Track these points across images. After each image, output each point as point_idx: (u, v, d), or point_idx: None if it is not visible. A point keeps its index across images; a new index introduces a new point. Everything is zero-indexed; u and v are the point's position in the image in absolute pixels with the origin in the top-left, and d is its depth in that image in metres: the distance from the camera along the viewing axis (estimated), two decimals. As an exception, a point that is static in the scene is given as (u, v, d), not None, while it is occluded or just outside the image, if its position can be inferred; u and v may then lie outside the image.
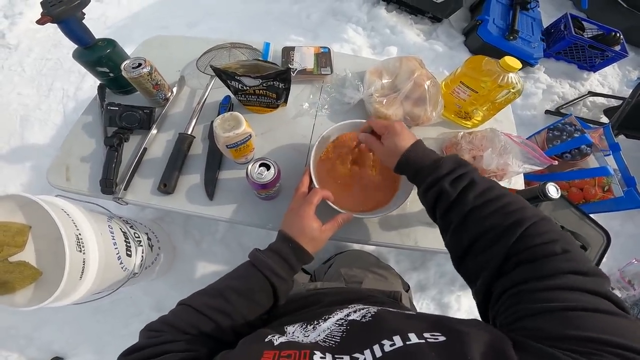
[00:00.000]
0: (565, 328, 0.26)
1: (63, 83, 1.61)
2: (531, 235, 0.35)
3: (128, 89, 0.77)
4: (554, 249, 0.32)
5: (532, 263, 0.33)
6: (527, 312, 0.29)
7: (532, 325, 0.28)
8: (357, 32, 1.88)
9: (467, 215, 0.41)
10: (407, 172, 0.51)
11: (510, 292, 0.32)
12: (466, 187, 0.42)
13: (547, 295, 0.29)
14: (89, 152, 0.71)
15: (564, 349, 0.24)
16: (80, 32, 0.65)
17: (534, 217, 0.36)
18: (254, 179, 0.54)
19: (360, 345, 0.28)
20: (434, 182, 0.45)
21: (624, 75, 2.09)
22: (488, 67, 0.69)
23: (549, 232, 0.34)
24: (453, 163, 0.46)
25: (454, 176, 0.44)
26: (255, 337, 0.33)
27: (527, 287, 0.31)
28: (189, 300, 0.43)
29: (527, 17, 1.89)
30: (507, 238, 0.35)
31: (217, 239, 1.29)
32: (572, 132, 1.15)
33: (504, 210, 0.38)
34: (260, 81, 0.66)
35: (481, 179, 0.43)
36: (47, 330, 1.14)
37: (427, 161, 0.48)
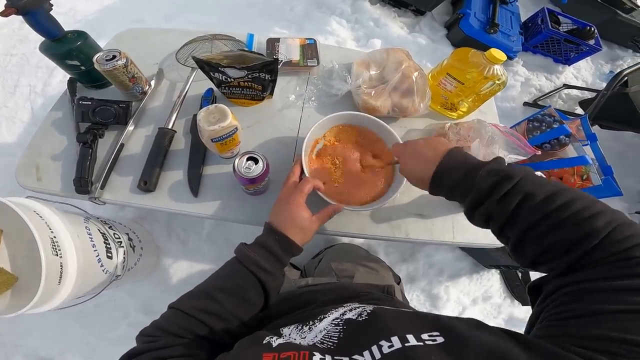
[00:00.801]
0: (613, 330, 0.24)
1: (30, 79, 1.52)
2: (608, 244, 0.30)
3: (101, 82, 0.73)
4: (635, 253, 0.28)
5: (603, 266, 0.29)
6: (582, 311, 0.27)
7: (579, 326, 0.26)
8: (341, 24, 1.87)
9: (525, 232, 0.35)
10: (441, 194, 0.46)
11: (570, 288, 0.30)
12: (520, 204, 0.36)
13: (613, 296, 0.27)
14: (60, 150, 0.66)
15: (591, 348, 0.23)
16: (47, 24, 0.61)
17: (610, 224, 0.31)
18: (242, 173, 0.52)
19: (359, 346, 0.28)
20: (477, 202, 0.39)
21: (597, 69, 2.19)
22: (474, 59, 0.70)
23: (631, 236, 0.29)
24: (494, 176, 0.38)
25: (501, 193, 0.37)
26: (252, 339, 0.32)
27: (590, 286, 0.28)
28: (177, 303, 0.41)
29: (506, 11, 1.94)
30: (576, 251, 0.31)
31: (203, 236, 1.26)
32: (551, 123, 1.18)
33: (570, 222, 0.32)
34: (245, 72, 0.63)
35: (538, 186, 0.36)
36: (32, 337, 1.10)
37: (460, 177, 0.41)
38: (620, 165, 1.66)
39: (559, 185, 0.36)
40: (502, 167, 0.39)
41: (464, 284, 1.38)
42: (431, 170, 0.44)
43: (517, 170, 0.38)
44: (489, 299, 1.37)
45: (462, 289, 1.37)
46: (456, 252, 1.41)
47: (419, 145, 0.48)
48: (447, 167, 0.43)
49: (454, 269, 1.39)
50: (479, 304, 1.37)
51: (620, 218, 0.32)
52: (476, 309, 1.36)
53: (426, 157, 0.46)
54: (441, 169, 0.43)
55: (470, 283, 1.38)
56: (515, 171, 0.38)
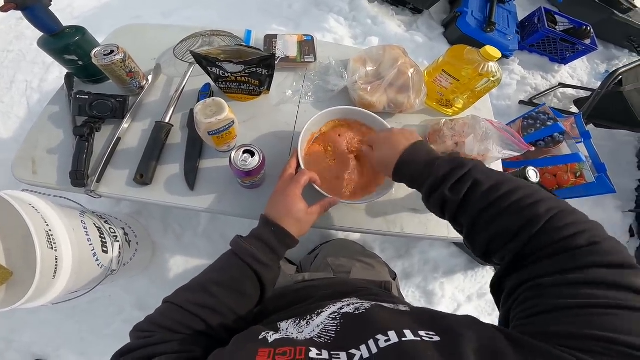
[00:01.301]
0: (578, 326, 0.25)
1: (26, 75, 1.52)
2: (550, 230, 0.31)
3: (99, 77, 0.73)
4: (578, 242, 0.29)
5: (552, 257, 0.30)
6: (543, 307, 0.27)
7: (544, 323, 0.26)
8: (339, 22, 1.87)
9: (476, 218, 0.37)
10: (403, 180, 0.49)
11: (527, 285, 0.30)
12: (470, 190, 0.39)
13: (567, 290, 0.27)
14: (57, 144, 0.66)
15: (572, 347, 0.23)
16: (46, 19, 0.61)
17: (552, 210, 0.32)
18: (238, 166, 0.53)
19: (356, 340, 0.28)
20: (432, 188, 0.42)
21: (592, 68, 2.20)
22: (469, 56, 0.71)
23: (572, 224, 0.31)
24: (449, 164, 0.42)
25: (454, 180, 0.40)
26: (248, 334, 0.32)
27: (546, 282, 0.29)
28: (172, 297, 0.41)
29: (503, 10, 1.95)
30: (521, 237, 0.32)
31: (199, 232, 1.26)
32: (545, 121, 1.19)
33: (515, 208, 0.34)
34: (242, 67, 0.63)
35: (487, 175, 0.39)
36: (25, 332, 1.09)
37: (421, 166, 0.45)
38: (614, 163, 1.67)
39: (505, 175, 0.39)
40: (456, 157, 0.43)
41: (459, 281, 1.39)
42: (396, 158, 0.48)
43: (470, 161, 0.41)
44: (484, 295, 1.38)
45: (457, 285, 1.38)
46: (451, 249, 1.42)
47: (393, 134, 0.52)
48: (412, 156, 0.47)
49: (449, 266, 1.40)
50: (474, 300, 1.38)
51: (561, 205, 0.33)
52: (471, 305, 1.37)
53: (395, 146, 0.49)
54: (406, 156, 0.47)
55: (465, 280, 1.39)
56: (468, 161, 0.41)
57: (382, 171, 0.52)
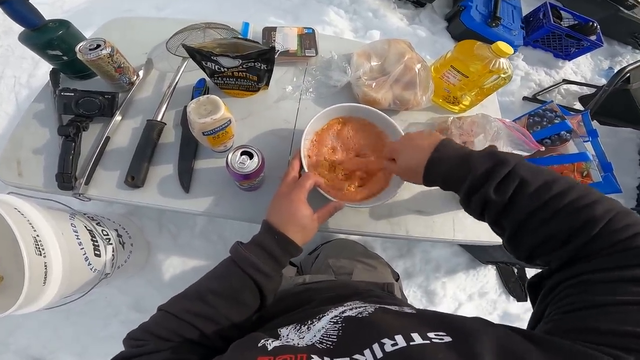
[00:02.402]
0: (618, 323, 0.23)
1: (14, 70, 1.47)
2: (608, 233, 0.29)
3: (86, 73, 0.69)
4: (635, 243, 0.28)
5: (605, 257, 0.29)
6: (584, 304, 0.26)
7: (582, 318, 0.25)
8: (339, 15, 1.82)
9: (523, 221, 0.34)
10: (437, 182, 0.45)
11: (573, 280, 0.29)
12: (516, 190, 0.35)
13: (613, 287, 0.26)
14: (43, 144, 0.63)
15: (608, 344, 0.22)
16: (25, 13, 0.57)
17: (609, 213, 0.30)
18: (236, 169, 0.49)
19: (359, 345, 0.26)
20: (473, 188, 0.38)
21: (596, 65, 2.17)
22: (480, 51, 0.68)
23: (630, 225, 0.29)
24: (488, 159, 0.38)
25: (498, 179, 0.36)
26: (247, 341, 0.30)
27: (595, 277, 0.27)
28: (168, 305, 0.39)
29: (508, 5, 1.91)
30: (575, 241, 0.31)
31: (195, 232, 1.23)
32: (552, 119, 1.16)
33: (568, 210, 0.32)
34: (240, 62, 0.60)
35: (533, 173, 0.35)
36: (22, 335, 1.07)
37: (455, 164, 0.41)
38: (616, 161, 1.64)
39: (554, 173, 0.36)
40: (496, 152, 0.39)
41: (460, 280, 1.37)
42: (425, 159, 0.44)
43: (512, 156, 0.37)
44: (485, 295, 1.37)
45: (458, 284, 1.37)
46: (453, 248, 1.40)
47: (412, 137, 0.48)
48: (442, 154, 0.43)
49: (451, 265, 1.38)
50: (475, 299, 1.36)
51: (618, 206, 0.31)
52: (472, 304, 1.36)
53: (420, 147, 0.45)
54: (436, 156, 0.43)
55: (466, 279, 1.38)
56: (510, 157, 0.37)
57: (411, 179, 0.48)
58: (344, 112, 0.64)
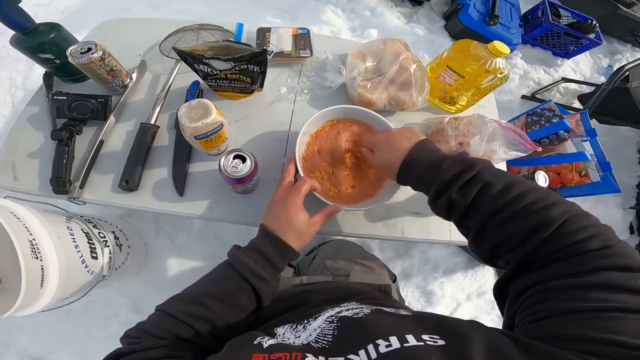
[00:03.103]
0: (591, 330, 0.24)
1: (10, 72, 1.46)
2: (562, 234, 0.30)
3: (79, 76, 0.68)
4: (590, 246, 0.28)
5: (561, 261, 0.29)
6: (552, 311, 0.26)
7: (554, 326, 0.26)
8: (337, 13, 1.82)
9: (484, 222, 0.36)
10: (408, 183, 0.47)
11: (535, 289, 0.29)
12: (479, 193, 0.37)
13: (578, 293, 0.26)
14: (37, 147, 0.62)
15: (584, 351, 0.22)
16: (15, 16, 0.57)
17: (564, 215, 0.31)
18: (228, 173, 0.49)
19: (354, 345, 0.27)
20: (439, 192, 0.40)
21: (595, 63, 2.16)
22: (476, 51, 0.67)
23: (583, 228, 0.30)
24: (457, 164, 0.40)
25: (462, 182, 0.38)
26: (243, 339, 0.31)
27: (556, 285, 0.28)
28: (165, 306, 0.40)
29: (506, 3, 1.90)
30: (531, 242, 0.31)
31: (192, 233, 1.23)
32: (550, 118, 1.16)
33: (525, 212, 0.33)
34: (232, 64, 0.59)
35: (497, 177, 0.37)
36: (22, 335, 1.08)
37: (427, 167, 0.43)
38: (615, 159, 1.64)
39: (517, 177, 0.37)
40: (465, 157, 0.41)
41: (458, 280, 1.37)
42: (400, 159, 0.45)
43: (480, 161, 0.39)
44: (483, 294, 1.37)
45: (456, 284, 1.37)
46: (451, 248, 1.40)
47: (393, 135, 0.49)
48: (417, 157, 0.44)
49: (449, 265, 1.38)
50: (473, 299, 1.36)
51: (574, 209, 0.32)
52: (470, 304, 1.36)
53: (399, 146, 0.46)
54: (410, 158, 0.45)
55: (465, 279, 1.38)
56: (477, 161, 0.39)
57: (386, 174, 0.50)
58: (339, 114, 0.63)
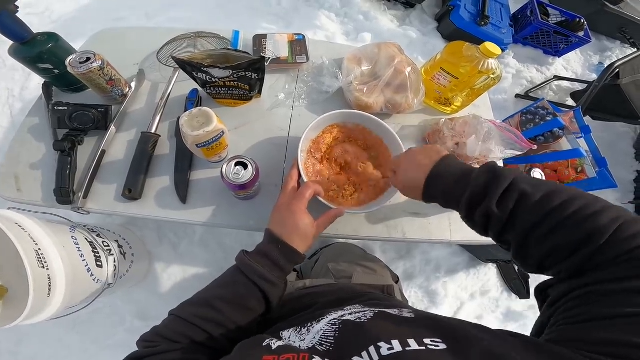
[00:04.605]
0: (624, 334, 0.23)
1: (7, 82, 1.46)
2: (616, 242, 0.29)
3: (78, 86, 0.69)
4: None
5: (615, 267, 0.28)
6: (591, 315, 0.26)
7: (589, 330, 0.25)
8: (331, 18, 1.83)
9: (527, 235, 0.34)
10: (436, 200, 0.45)
11: (577, 292, 0.28)
12: (517, 204, 0.35)
13: (623, 298, 0.25)
14: (39, 159, 0.63)
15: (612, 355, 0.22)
16: (13, 27, 0.57)
17: (617, 221, 0.29)
18: (230, 179, 0.50)
19: (356, 347, 0.27)
20: (473, 203, 0.38)
21: (586, 60, 2.19)
22: (468, 53, 0.68)
23: (637, 234, 0.28)
24: (487, 175, 0.38)
25: (498, 192, 0.36)
26: (252, 342, 0.32)
27: (601, 288, 0.27)
28: (178, 310, 0.41)
29: (496, 3, 1.93)
30: (583, 252, 0.30)
31: (195, 241, 1.23)
32: (544, 116, 1.18)
33: (574, 220, 0.31)
34: (230, 72, 0.60)
35: (535, 185, 0.35)
36: (29, 344, 1.08)
37: (454, 180, 0.41)
38: (611, 155, 1.66)
39: (556, 185, 0.35)
40: (495, 166, 0.39)
41: (461, 279, 1.38)
42: (425, 176, 0.44)
43: (511, 171, 0.38)
44: (487, 293, 1.38)
45: (459, 284, 1.37)
46: (453, 248, 1.41)
47: (415, 153, 0.48)
48: (442, 170, 0.43)
49: (451, 265, 1.39)
50: (477, 298, 1.37)
51: (624, 214, 0.30)
52: (474, 303, 1.36)
53: (421, 164, 0.45)
54: (435, 173, 0.44)
55: (467, 278, 1.38)
56: (507, 171, 0.38)
57: (411, 195, 0.49)
58: (338, 119, 0.64)
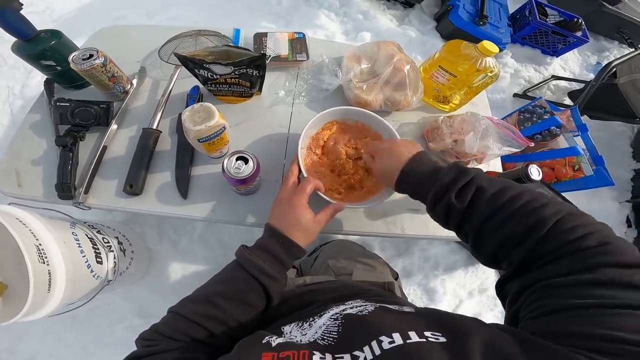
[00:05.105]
0: (592, 326, 0.24)
1: (8, 81, 1.46)
2: (557, 233, 0.31)
3: (80, 83, 0.69)
4: (587, 243, 0.29)
5: (559, 260, 0.30)
6: (552, 307, 0.27)
7: (554, 322, 0.26)
8: (330, 17, 1.84)
9: (481, 226, 0.37)
10: (406, 191, 0.48)
11: (535, 287, 0.30)
12: (474, 197, 0.39)
13: (578, 290, 0.27)
14: (41, 154, 0.63)
15: (584, 347, 0.23)
16: (17, 24, 0.58)
17: (558, 214, 0.32)
18: (232, 174, 0.50)
19: (359, 341, 0.27)
20: (437, 197, 0.42)
21: (584, 60, 2.21)
22: (466, 51, 0.69)
23: (579, 226, 0.30)
24: (454, 172, 0.42)
25: (458, 187, 0.40)
26: (252, 339, 0.32)
27: (555, 282, 0.28)
28: (178, 307, 0.41)
29: (494, 3, 1.94)
30: (527, 242, 0.32)
31: (195, 237, 1.23)
32: (542, 114, 1.19)
33: (520, 213, 0.34)
34: (232, 69, 0.61)
35: (490, 182, 0.39)
36: (28, 342, 1.07)
37: (425, 176, 0.45)
38: (609, 154, 1.67)
39: (509, 182, 0.39)
40: (460, 165, 0.43)
41: (459, 277, 1.38)
42: (399, 169, 0.47)
43: (473, 169, 0.42)
44: (485, 291, 1.38)
45: (458, 281, 1.38)
46: (451, 245, 1.42)
47: (395, 144, 0.52)
48: (415, 166, 0.47)
49: (449, 262, 1.39)
50: (475, 296, 1.37)
51: (568, 208, 0.33)
52: (472, 301, 1.37)
53: (398, 157, 0.48)
54: (408, 169, 0.47)
55: (466, 276, 1.39)
56: (470, 169, 0.41)
57: (384, 182, 0.53)
58: (337, 116, 0.65)
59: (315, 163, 0.62)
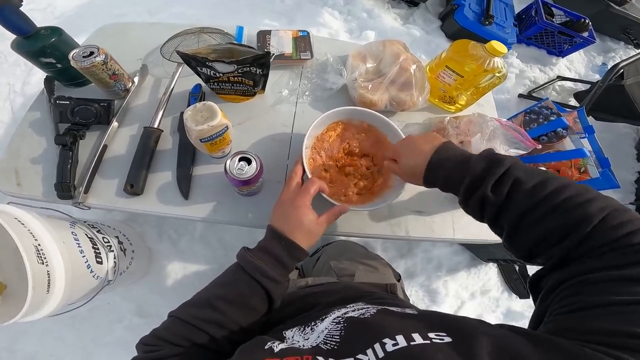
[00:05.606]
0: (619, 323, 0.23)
1: (8, 78, 1.46)
2: (603, 230, 0.29)
3: (81, 80, 0.68)
4: (632, 240, 0.28)
5: (601, 256, 0.29)
6: (584, 304, 0.26)
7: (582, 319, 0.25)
8: (334, 16, 1.83)
9: (519, 220, 0.35)
10: (436, 184, 0.46)
11: (572, 281, 0.29)
12: (512, 189, 0.36)
13: (612, 287, 0.26)
14: (40, 153, 0.62)
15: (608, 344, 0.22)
16: (17, 20, 0.57)
17: (604, 210, 0.30)
18: (234, 175, 0.49)
19: (362, 344, 0.27)
20: (471, 189, 0.40)
21: (590, 61, 2.19)
22: (474, 51, 0.68)
23: (625, 223, 0.29)
24: (486, 161, 0.39)
25: (494, 178, 0.37)
26: (254, 344, 0.31)
27: (591, 278, 0.27)
28: (178, 312, 0.40)
29: (500, 3, 1.92)
30: (571, 238, 0.31)
31: (195, 237, 1.23)
32: (548, 116, 1.17)
33: (564, 207, 0.32)
34: (235, 67, 0.60)
35: (528, 173, 0.37)
36: (27, 342, 1.07)
37: (454, 166, 0.42)
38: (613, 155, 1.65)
39: (549, 173, 0.37)
40: (493, 153, 0.41)
41: (462, 278, 1.38)
42: (425, 161, 0.45)
43: (508, 157, 0.39)
44: (487, 292, 1.38)
45: (460, 283, 1.37)
46: (454, 247, 1.41)
47: (415, 140, 0.49)
48: (442, 157, 0.44)
49: (452, 263, 1.38)
50: (477, 297, 1.37)
51: (613, 204, 0.31)
52: (475, 302, 1.36)
53: (421, 150, 0.46)
54: (435, 159, 0.45)
55: (468, 277, 1.38)
56: (505, 158, 0.39)
57: (411, 180, 0.50)
58: (342, 116, 0.64)
59: (319, 164, 0.61)
